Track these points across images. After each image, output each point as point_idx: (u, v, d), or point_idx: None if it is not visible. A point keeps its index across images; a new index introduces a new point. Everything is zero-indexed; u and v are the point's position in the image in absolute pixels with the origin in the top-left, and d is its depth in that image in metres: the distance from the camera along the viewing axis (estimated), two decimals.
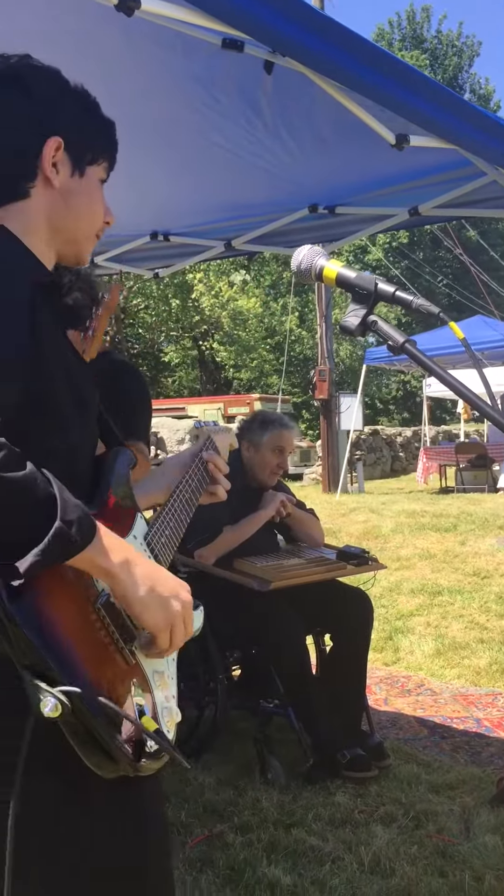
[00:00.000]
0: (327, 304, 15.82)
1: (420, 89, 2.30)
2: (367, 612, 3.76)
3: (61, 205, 1.38)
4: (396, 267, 30.33)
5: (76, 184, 1.39)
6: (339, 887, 2.63)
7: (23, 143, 1.34)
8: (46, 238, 1.37)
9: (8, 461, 1.04)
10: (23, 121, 1.34)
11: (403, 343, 1.29)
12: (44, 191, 1.36)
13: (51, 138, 1.35)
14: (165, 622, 1.22)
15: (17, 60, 1.39)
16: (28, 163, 1.34)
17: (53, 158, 1.35)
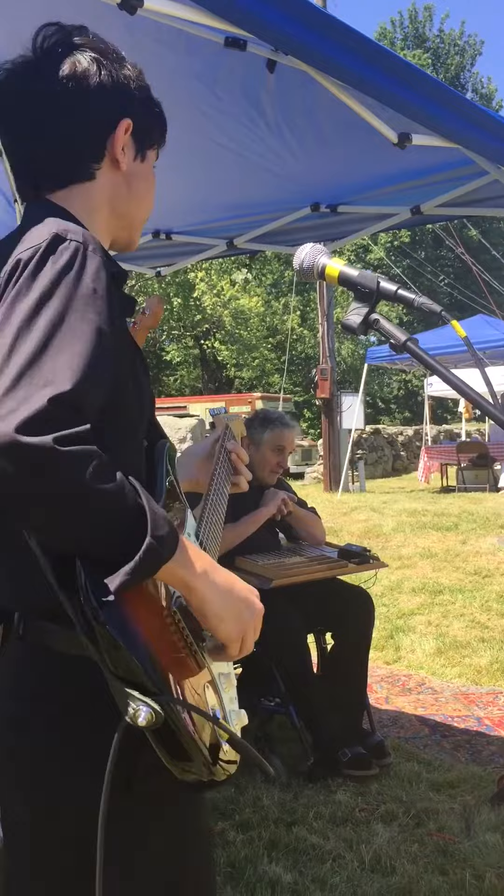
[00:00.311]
0: (329, 303, 15.83)
1: (422, 88, 2.30)
2: (369, 610, 3.76)
3: (124, 189, 1.35)
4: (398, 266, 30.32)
5: (138, 167, 1.36)
6: (340, 885, 2.63)
7: (96, 122, 1.30)
8: (106, 223, 1.34)
9: (100, 472, 1.00)
10: (99, 97, 1.29)
11: (405, 341, 1.29)
12: (109, 173, 1.32)
13: (124, 119, 1.31)
14: (238, 633, 1.19)
15: (90, 34, 1.34)
16: (98, 143, 1.31)
17: (123, 139, 1.32)
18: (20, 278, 1.09)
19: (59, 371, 1.02)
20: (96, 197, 1.32)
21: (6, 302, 1.08)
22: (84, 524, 1.01)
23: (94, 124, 1.30)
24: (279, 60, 2.39)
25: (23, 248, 1.13)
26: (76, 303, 1.08)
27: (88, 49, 1.30)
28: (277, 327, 29.96)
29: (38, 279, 1.08)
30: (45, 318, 1.05)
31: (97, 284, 1.11)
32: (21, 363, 1.01)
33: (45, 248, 1.11)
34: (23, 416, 0.96)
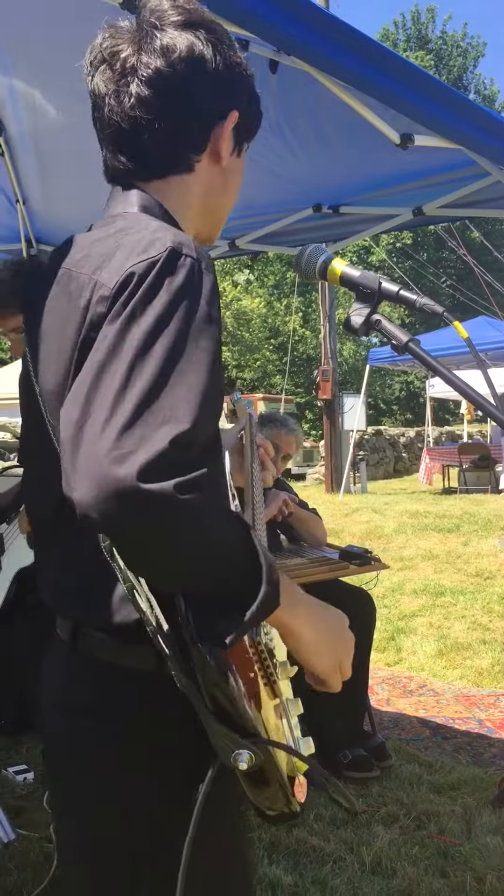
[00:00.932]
0: (331, 304, 15.83)
1: (425, 89, 2.30)
2: (370, 612, 3.76)
3: (220, 183, 1.29)
4: (400, 267, 30.32)
5: (235, 163, 1.30)
6: (341, 887, 2.63)
7: (206, 111, 1.22)
8: (197, 217, 1.28)
9: (218, 520, 0.96)
10: (212, 84, 1.20)
11: (407, 342, 1.29)
12: (208, 166, 1.26)
13: (233, 111, 1.24)
14: (333, 665, 1.17)
15: (200, 11, 1.23)
16: (204, 134, 1.23)
17: (228, 133, 1.26)
18: (134, 296, 1.01)
19: (177, 407, 0.95)
20: (193, 190, 1.26)
21: (119, 320, 1.00)
22: (199, 572, 0.97)
23: (203, 113, 1.22)
24: (281, 61, 2.39)
25: (134, 259, 1.04)
26: (193, 330, 1.01)
27: (204, 30, 1.20)
28: (279, 328, 29.97)
29: (154, 301, 1.00)
30: (161, 347, 0.97)
31: (211, 308, 1.04)
32: (138, 397, 0.94)
33: (161, 264, 1.03)
34: (143, 459, 0.90)
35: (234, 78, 1.23)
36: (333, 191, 3.74)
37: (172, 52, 1.17)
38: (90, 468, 0.92)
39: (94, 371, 0.98)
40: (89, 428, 0.94)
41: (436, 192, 3.54)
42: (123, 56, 1.18)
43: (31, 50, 2.83)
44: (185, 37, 1.18)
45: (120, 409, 0.94)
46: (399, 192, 3.62)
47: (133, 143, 1.20)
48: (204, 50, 1.18)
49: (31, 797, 3.24)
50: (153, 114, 1.18)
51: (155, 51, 1.17)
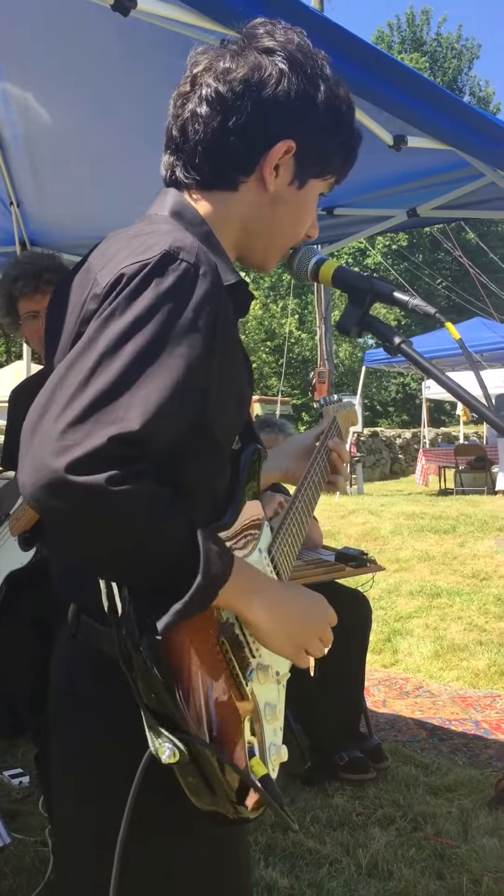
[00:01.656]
0: (327, 306, 15.84)
1: (418, 91, 2.30)
2: (366, 613, 3.75)
3: (266, 210, 1.26)
4: (396, 269, 30.34)
5: (291, 194, 1.27)
6: (337, 890, 2.62)
7: (256, 135, 1.21)
8: (235, 237, 1.27)
9: (155, 511, 0.98)
10: (267, 110, 1.20)
11: (399, 343, 1.29)
12: (255, 190, 1.24)
13: (283, 141, 1.22)
14: (294, 650, 1.19)
15: (295, 39, 1.24)
16: (252, 157, 1.22)
17: (279, 161, 1.23)
18: (119, 295, 1.02)
19: (132, 408, 0.97)
20: (232, 210, 1.25)
21: (101, 318, 1.01)
22: (133, 562, 1.00)
23: (254, 136, 1.21)
24: None
25: (129, 261, 1.05)
26: (171, 334, 1.01)
27: (282, 56, 1.21)
28: (275, 330, 29.97)
29: (136, 301, 1.01)
30: (132, 347, 0.99)
31: (198, 314, 1.04)
32: (95, 394, 0.97)
33: (151, 266, 1.03)
34: (79, 453, 0.93)
35: (300, 108, 1.22)
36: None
37: (230, 74, 1.19)
38: (34, 456, 0.96)
39: (67, 364, 1.01)
40: (45, 420, 0.98)
41: (430, 194, 3.54)
42: (196, 71, 1.23)
43: (24, 53, 2.83)
44: (256, 61, 1.20)
45: (75, 403, 0.97)
46: (393, 194, 3.63)
47: (186, 155, 1.24)
48: (266, 76, 1.19)
49: (27, 801, 3.23)
50: (204, 129, 1.21)
51: (218, 71, 1.20)
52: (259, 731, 1.16)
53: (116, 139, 3.26)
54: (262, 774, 1.11)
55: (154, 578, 1.01)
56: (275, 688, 1.23)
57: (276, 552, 1.34)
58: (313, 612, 1.22)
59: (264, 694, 1.18)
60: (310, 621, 1.21)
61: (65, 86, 3.01)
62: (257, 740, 1.14)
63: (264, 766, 1.12)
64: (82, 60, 2.76)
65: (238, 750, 1.10)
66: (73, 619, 1.21)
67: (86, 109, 3.09)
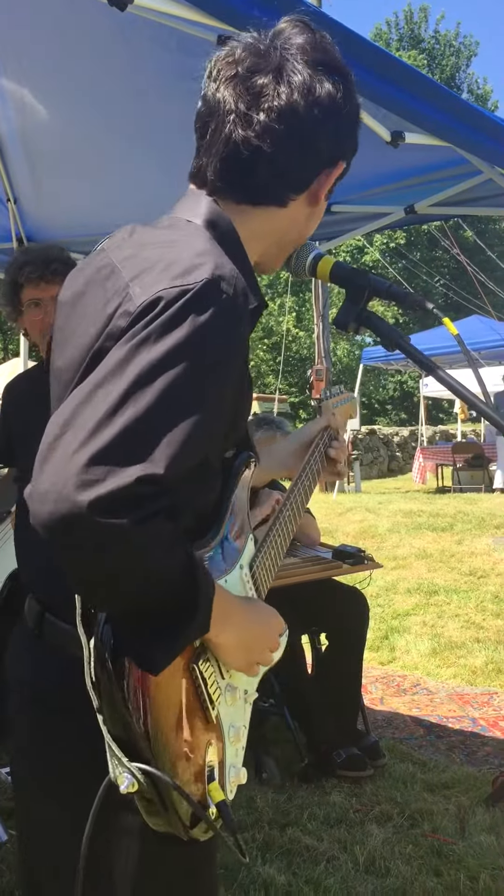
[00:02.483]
0: (324, 304, 15.83)
1: (415, 87, 2.30)
2: (363, 611, 3.75)
3: (303, 224, 1.28)
4: (394, 267, 30.32)
5: (320, 209, 1.29)
6: (334, 887, 2.62)
7: (320, 157, 1.21)
8: (265, 248, 1.26)
9: (168, 549, 0.98)
10: (333, 133, 1.20)
11: (397, 339, 1.29)
12: (302, 207, 1.24)
13: (341, 161, 1.24)
14: (247, 664, 1.19)
15: (333, 51, 1.22)
16: (309, 177, 1.22)
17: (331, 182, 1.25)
18: (155, 322, 0.98)
19: (158, 449, 0.95)
20: (277, 225, 1.24)
21: (133, 341, 0.98)
22: (132, 596, 0.98)
23: (320, 157, 1.21)
24: None
25: (167, 283, 1.01)
26: (202, 372, 0.99)
27: (339, 76, 1.20)
28: (273, 328, 29.97)
29: (172, 332, 0.98)
30: (162, 382, 0.96)
31: (229, 348, 1.03)
32: (122, 427, 0.93)
33: (192, 295, 1.00)
34: (104, 490, 0.90)
35: (352, 129, 1.24)
36: None
37: (312, 92, 1.16)
38: (54, 482, 0.92)
39: (92, 385, 0.98)
40: (67, 440, 0.94)
41: (427, 191, 3.54)
42: (262, 81, 1.16)
43: (21, 49, 2.82)
44: (324, 80, 1.17)
45: (101, 433, 0.93)
46: (391, 191, 3.63)
47: (243, 166, 1.18)
48: (339, 97, 1.18)
49: None
50: (275, 146, 1.16)
51: (295, 85, 1.15)
52: (220, 754, 1.15)
53: (114, 135, 3.25)
54: (220, 800, 1.11)
55: (147, 610, 1.00)
56: (242, 707, 1.23)
57: (257, 567, 1.32)
58: (269, 626, 1.23)
59: (230, 715, 1.18)
60: (266, 636, 1.21)
61: (62, 82, 3.01)
62: (217, 763, 1.14)
63: (222, 791, 1.13)
64: (80, 56, 2.75)
65: (197, 775, 1.09)
66: (36, 617, 1.20)
67: (83, 106, 3.08)
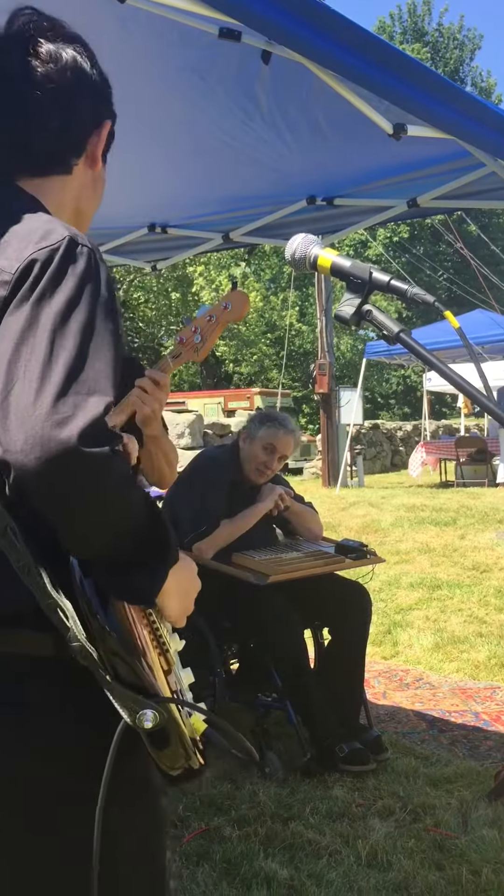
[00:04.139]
0: (327, 298, 15.79)
1: (417, 79, 2.28)
2: (366, 605, 3.75)
3: (90, 189, 1.37)
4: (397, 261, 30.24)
5: (101, 171, 1.38)
6: (337, 881, 2.62)
7: (86, 118, 1.31)
8: (69, 216, 1.33)
9: (132, 480, 1.08)
10: (92, 94, 1.31)
11: (398, 333, 1.28)
12: (84, 171, 1.34)
13: (107, 121, 1.35)
14: (184, 611, 1.23)
15: (62, 26, 1.33)
16: (83, 139, 1.32)
17: (104, 140, 1.35)
18: (41, 279, 1.08)
19: (98, 379, 1.05)
20: (68, 192, 1.32)
21: (28, 302, 1.07)
22: (118, 529, 1.05)
23: (85, 119, 1.31)
24: (274, 51, 2.37)
25: (34, 248, 1.11)
26: (98, 310, 1.10)
27: (80, 44, 1.31)
28: (276, 322, 29.94)
29: (62, 284, 1.08)
30: (76, 324, 1.06)
31: (110, 291, 1.13)
32: (65, 368, 1.02)
33: (63, 251, 1.11)
34: (82, 423, 0.99)
35: (107, 91, 1.35)
36: (327, 183, 3.73)
37: (59, 59, 1.27)
38: (27, 431, 0.99)
39: (12, 346, 1.05)
40: (18, 395, 1.01)
41: (430, 184, 3.52)
42: (10, 59, 1.27)
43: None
44: (67, 48, 1.29)
45: (50, 376, 1.02)
46: (393, 184, 3.61)
47: (23, 140, 1.29)
48: (83, 61, 1.30)
49: None
50: (42, 114, 1.26)
51: (43, 56, 1.27)
52: (179, 679, 1.22)
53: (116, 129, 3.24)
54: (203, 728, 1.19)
55: (129, 545, 1.07)
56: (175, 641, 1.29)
57: None
58: (192, 571, 1.28)
59: (173, 645, 1.24)
60: (192, 582, 1.26)
61: None
62: (178, 686, 1.21)
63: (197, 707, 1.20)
64: None
65: None
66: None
67: None
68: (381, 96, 2.30)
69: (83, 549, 1.08)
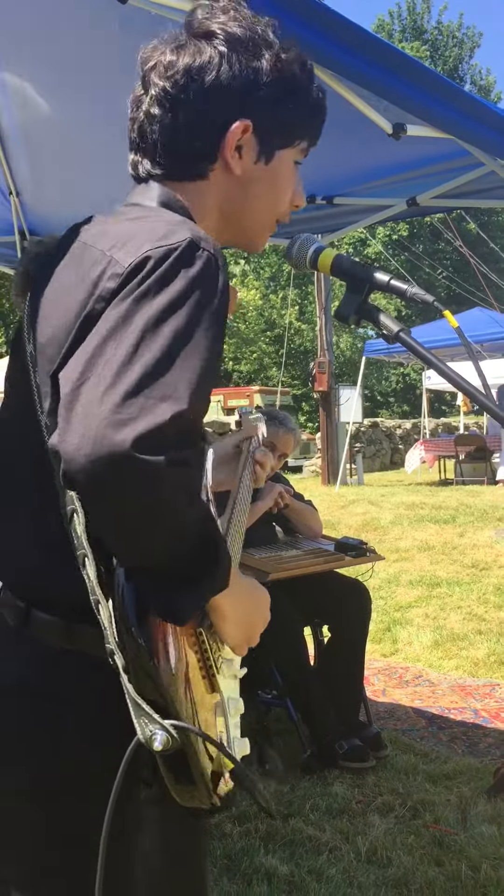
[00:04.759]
0: (327, 296, 15.79)
1: (417, 79, 2.29)
2: (365, 603, 3.76)
3: (238, 192, 1.29)
4: (396, 260, 30.25)
5: (260, 171, 1.28)
6: (336, 877, 2.64)
7: (209, 121, 1.23)
8: (216, 224, 1.29)
9: (194, 497, 1.01)
10: (213, 95, 1.22)
11: (398, 332, 1.29)
12: (223, 175, 1.26)
13: (238, 121, 1.23)
14: (245, 640, 1.20)
15: (233, 14, 1.24)
16: (212, 143, 1.24)
17: (239, 142, 1.24)
18: (149, 277, 1.04)
19: (179, 386, 0.98)
20: (208, 198, 1.27)
21: (132, 297, 1.03)
22: (164, 544, 0.99)
23: (207, 124, 1.23)
24: None
25: (152, 244, 1.07)
26: (202, 319, 1.04)
27: (222, 37, 1.22)
28: (275, 321, 29.94)
29: (169, 286, 1.03)
30: (171, 327, 1.01)
31: (221, 302, 1.08)
32: (143, 368, 0.97)
33: (179, 252, 1.06)
34: (142, 428, 0.93)
35: (247, 84, 1.22)
36: (327, 181, 3.73)
37: (172, 69, 1.21)
38: (87, 426, 0.95)
39: (100, 339, 1.01)
40: (89, 389, 0.98)
41: (430, 183, 3.53)
42: (145, 69, 1.24)
43: (22, 43, 2.82)
44: (196, 48, 1.21)
45: (125, 376, 0.97)
46: (393, 183, 3.62)
47: (147, 151, 1.26)
48: (209, 61, 1.20)
49: None
50: (161, 127, 1.23)
51: (160, 70, 1.22)
52: (224, 725, 1.15)
53: (115, 128, 3.24)
54: (231, 768, 1.11)
55: (173, 559, 1.01)
56: (234, 683, 1.23)
57: (230, 544, 1.34)
58: (261, 598, 1.24)
59: (227, 688, 1.17)
60: (259, 618, 1.22)
61: (63, 76, 3.00)
62: (224, 734, 1.14)
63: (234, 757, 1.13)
64: (81, 50, 2.75)
65: None
66: (19, 616, 1.17)
67: (84, 99, 3.08)
68: (381, 96, 2.30)
69: (123, 555, 1.03)
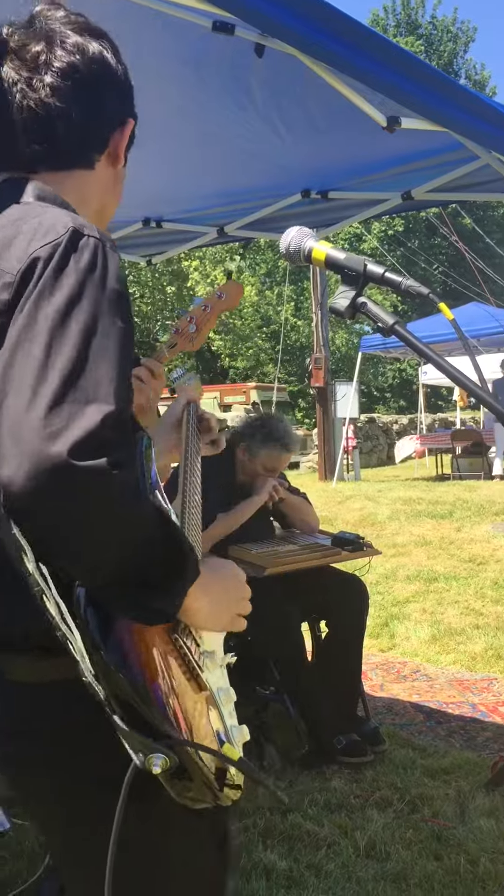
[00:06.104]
0: (323, 292, 15.77)
1: (411, 72, 2.29)
2: (363, 598, 3.76)
3: (111, 187, 1.34)
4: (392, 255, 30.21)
5: (122, 170, 1.36)
6: (335, 872, 2.64)
7: (111, 113, 1.29)
8: (91, 213, 1.29)
9: (140, 495, 0.98)
10: (117, 91, 1.29)
11: (393, 324, 1.28)
12: (106, 168, 1.31)
13: (129, 119, 1.32)
14: (230, 620, 1.18)
15: (80, 19, 1.29)
16: (106, 135, 1.29)
17: (126, 138, 1.32)
18: (42, 278, 1.01)
19: (99, 385, 0.96)
20: (91, 188, 1.29)
21: (29, 302, 1.00)
22: (124, 550, 0.96)
23: (108, 115, 1.29)
24: (267, 44, 2.37)
25: (37, 244, 1.05)
26: (104, 307, 1.02)
27: (105, 39, 1.28)
28: (271, 317, 29.90)
29: (62, 280, 1.01)
30: (76, 325, 0.98)
31: (119, 285, 1.06)
32: (61, 375, 0.95)
33: (65, 245, 1.04)
34: (75, 436, 0.91)
35: (130, 88, 1.32)
36: (322, 176, 3.73)
37: (85, 51, 1.24)
38: (20, 445, 0.92)
39: (8, 352, 0.98)
40: (10, 404, 0.95)
41: (424, 177, 3.53)
42: (36, 49, 1.22)
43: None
44: (91, 41, 1.25)
45: (43, 386, 0.94)
46: (388, 177, 3.62)
47: (43, 128, 1.23)
48: (108, 56, 1.26)
49: None
50: (66, 101, 1.22)
51: (68, 47, 1.23)
52: (219, 717, 1.14)
53: None
54: (237, 758, 1.10)
55: (139, 558, 0.97)
56: (220, 672, 1.22)
57: (187, 525, 1.29)
58: (231, 578, 1.20)
59: (215, 680, 1.16)
60: (235, 588, 1.19)
61: None
62: (221, 726, 1.13)
63: (234, 749, 1.11)
64: None
65: (210, 741, 1.08)
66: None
67: None
68: (375, 89, 2.30)
69: (88, 568, 0.97)
